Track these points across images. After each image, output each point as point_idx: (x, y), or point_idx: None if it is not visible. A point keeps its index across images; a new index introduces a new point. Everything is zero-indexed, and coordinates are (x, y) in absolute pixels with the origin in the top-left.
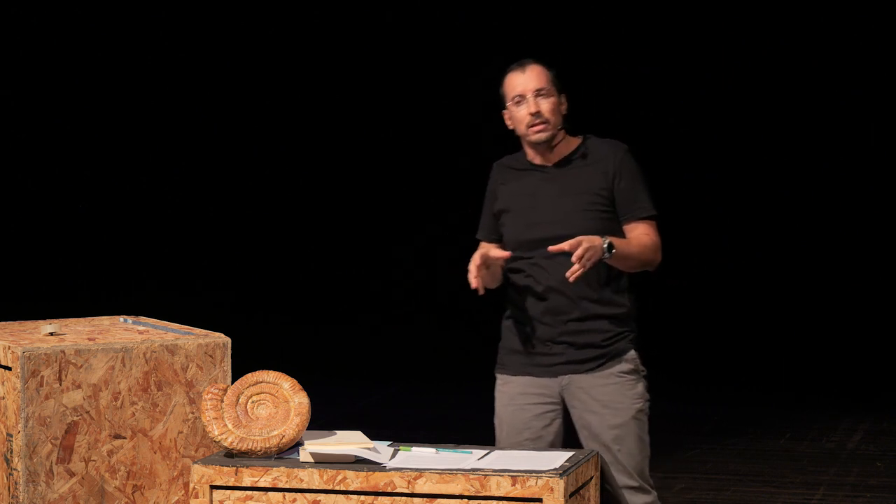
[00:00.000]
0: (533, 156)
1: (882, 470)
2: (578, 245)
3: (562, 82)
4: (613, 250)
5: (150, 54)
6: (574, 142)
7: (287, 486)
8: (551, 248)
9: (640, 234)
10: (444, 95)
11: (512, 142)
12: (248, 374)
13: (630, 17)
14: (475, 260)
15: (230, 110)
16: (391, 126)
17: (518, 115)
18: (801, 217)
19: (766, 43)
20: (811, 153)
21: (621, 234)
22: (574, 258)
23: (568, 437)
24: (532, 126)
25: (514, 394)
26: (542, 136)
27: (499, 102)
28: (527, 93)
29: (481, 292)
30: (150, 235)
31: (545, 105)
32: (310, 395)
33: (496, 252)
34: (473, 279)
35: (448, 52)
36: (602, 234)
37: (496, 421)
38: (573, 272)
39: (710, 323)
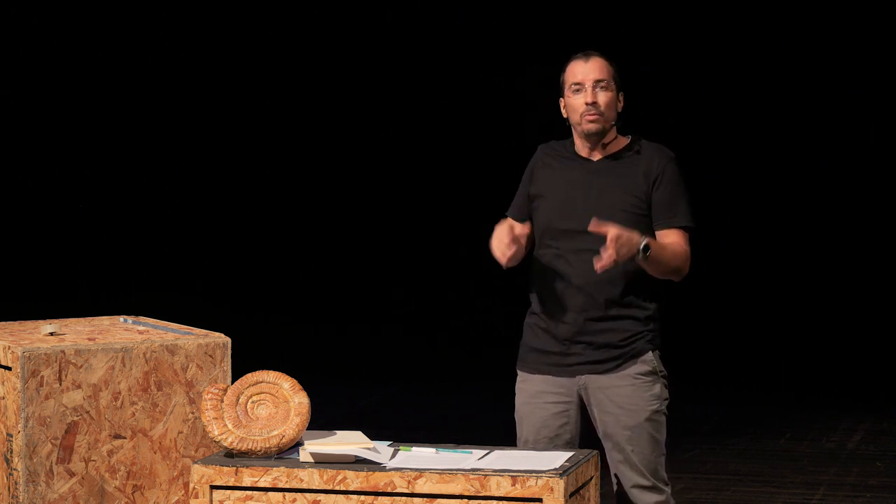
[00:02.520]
0: (580, 147)
1: (882, 470)
2: (617, 233)
3: (622, 80)
4: (648, 252)
5: (149, 54)
6: (623, 141)
7: (287, 486)
8: (592, 227)
9: (672, 242)
10: (444, 97)
11: (509, 144)
12: (248, 374)
13: (630, 17)
14: (505, 233)
15: (230, 110)
16: (391, 126)
17: (574, 104)
18: (801, 217)
19: (766, 43)
20: (811, 153)
21: (650, 235)
22: (608, 244)
23: (588, 435)
24: (586, 115)
25: (532, 392)
26: (594, 126)
27: (500, 105)
28: (586, 82)
29: (506, 265)
30: (150, 235)
31: (602, 97)
32: (310, 395)
33: (518, 227)
34: (506, 250)
35: (447, 53)
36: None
37: (516, 416)
38: (603, 264)
39: (710, 323)
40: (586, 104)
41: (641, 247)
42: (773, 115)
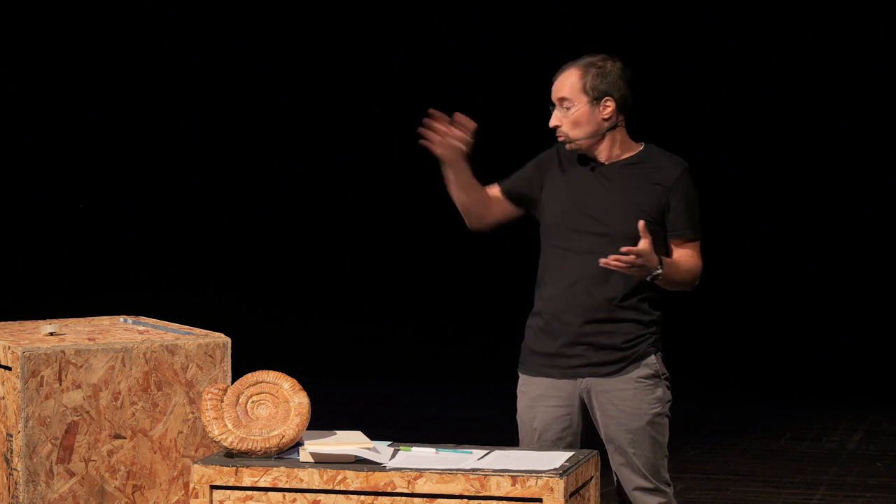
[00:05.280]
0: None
1: (882, 470)
2: (637, 255)
3: (617, 82)
4: (658, 277)
5: (152, 54)
6: (635, 147)
7: (287, 486)
8: (641, 227)
9: (686, 256)
10: (445, 96)
11: (511, 144)
12: (248, 374)
13: (630, 18)
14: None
15: (231, 110)
16: (394, 126)
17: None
18: (801, 218)
19: (767, 42)
20: (812, 154)
21: (662, 245)
22: (618, 258)
23: (590, 438)
24: (557, 136)
25: (533, 395)
26: (568, 147)
27: (494, 104)
28: (554, 101)
29: (438, 150)
30: (150, 235)
31: (565, 118)
32: (310, 395)
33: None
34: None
35: (446, 54)
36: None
37: (518, 420)
38: (609, 263)
39: (710, 323)
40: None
41: (655, 272)
42: (774, 117)
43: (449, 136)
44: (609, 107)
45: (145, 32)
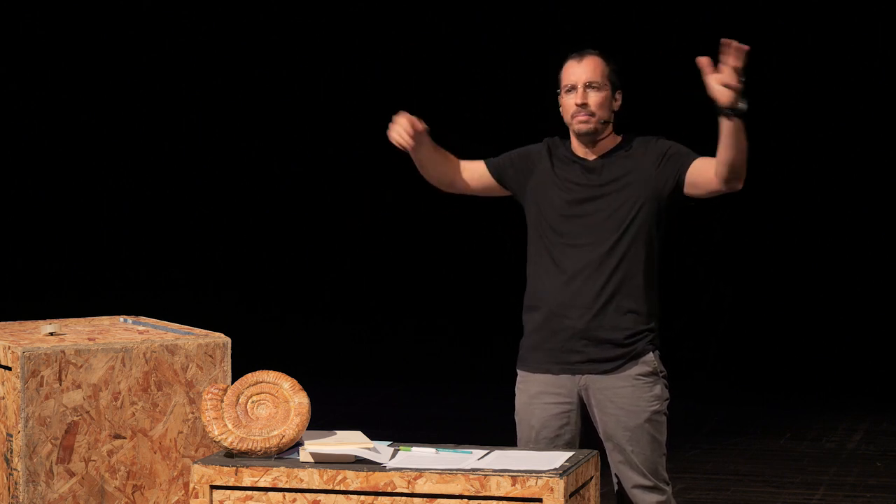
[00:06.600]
0: (577, 147)
1: (882, 470)
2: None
3: (622, 78)
4: (745, 108)
5: (152, 54)
6: (616, 139)
7: (287, 486)
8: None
9: None
10: (445, 96)
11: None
12: (248, 374)
13: (630, 18)
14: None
15: (230, 110)
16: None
17: (566, 104)
18: (801, 217)
19: (767, 42)
20: (812, 154)
21: (654, 234)
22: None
23: (590, 437)
24: (576, 116)
25: (533, 392)
26: (585, 127)
27: (493, 104)
28: (578, 83)
29: (408, 142)
30: (150, 235)
31: (593, 98)
32: (310, 395)
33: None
34: (405, 131)
35: (446, 54)
36: (637, 229)
37: (516, 417)
38: (727, 77)
39: (710, 323)
40: (576, 105)
41: (741, 103)
42: (776, 119)
43: (402, 130)
44: (619, 100)
45: (145, 32)
